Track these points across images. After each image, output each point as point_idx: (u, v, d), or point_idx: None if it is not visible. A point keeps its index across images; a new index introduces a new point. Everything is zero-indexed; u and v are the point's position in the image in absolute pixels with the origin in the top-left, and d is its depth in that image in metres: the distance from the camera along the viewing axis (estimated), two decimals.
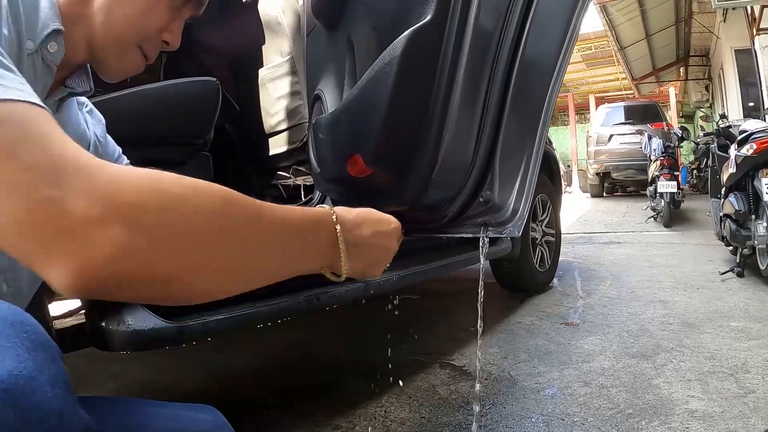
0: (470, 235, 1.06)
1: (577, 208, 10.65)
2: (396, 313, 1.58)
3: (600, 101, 18.58)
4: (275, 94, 2.49)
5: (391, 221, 0.87)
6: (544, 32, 1.02)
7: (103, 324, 1.18)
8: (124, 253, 0.47)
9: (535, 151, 1.02)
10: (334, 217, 0.72)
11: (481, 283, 1.10)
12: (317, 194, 1.98)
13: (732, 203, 3.92)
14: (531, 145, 1.03)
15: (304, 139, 2.44)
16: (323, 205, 0.75)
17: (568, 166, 18.46)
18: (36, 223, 0.45)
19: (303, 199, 2.35)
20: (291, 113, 2.48)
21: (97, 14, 0.81)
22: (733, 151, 4.06)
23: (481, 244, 1.04)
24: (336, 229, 0.71)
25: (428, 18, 0.92)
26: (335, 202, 1.68)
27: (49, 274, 0.46)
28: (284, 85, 2.44)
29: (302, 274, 0.69)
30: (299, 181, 2.56)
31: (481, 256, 1.05)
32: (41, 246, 0.45)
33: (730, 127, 5.01)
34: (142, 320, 1.22)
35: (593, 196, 13.15)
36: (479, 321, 1.13)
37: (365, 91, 1.04)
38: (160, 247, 0.50)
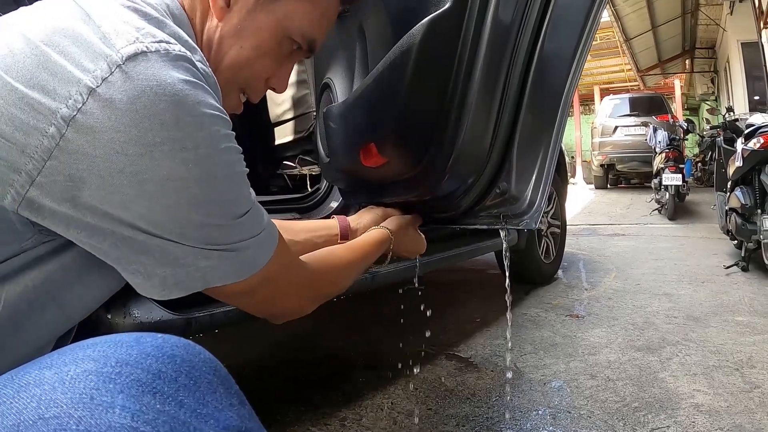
0: (486, 227, 1.05)
1: (581, 200, 10.64)
2: (401, 304, 1.57)
3: (605, 92, 18.45)
4: None
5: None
6: (564, 26, 1.00)
7: (109, 316, 1.14)
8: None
9: (552, 144, 1.01)
10: (391, 236, 1.12)
11: (508, 280, 1.09)
12: (324, 184, 1.97)
13: (738, 197, 3.92)
14: (548, 137, 1.01)
15: (311, 129, 2.43)
16: (379, 227, 1.13)
17: (573, 157, 18.39)
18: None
19: (309, 188, 2.33)
20: (297, 102, 2.47)
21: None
22: (739, 144, 4.05)
23: (503, 235, 1.03)
24: (391, 243, 1.11)
25: (447, 6, 0.90)
26: (343, 192, 1.67)
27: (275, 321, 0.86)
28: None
29: None
30: (305, 170, 2.55)
31: (504, 247, 1.04)
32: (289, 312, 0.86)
33: (736, 120, 4.99)
34: (148, 312, 1.18)
35: (597, 187, 13.13)
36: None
37: (380, 79, 1.02)
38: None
